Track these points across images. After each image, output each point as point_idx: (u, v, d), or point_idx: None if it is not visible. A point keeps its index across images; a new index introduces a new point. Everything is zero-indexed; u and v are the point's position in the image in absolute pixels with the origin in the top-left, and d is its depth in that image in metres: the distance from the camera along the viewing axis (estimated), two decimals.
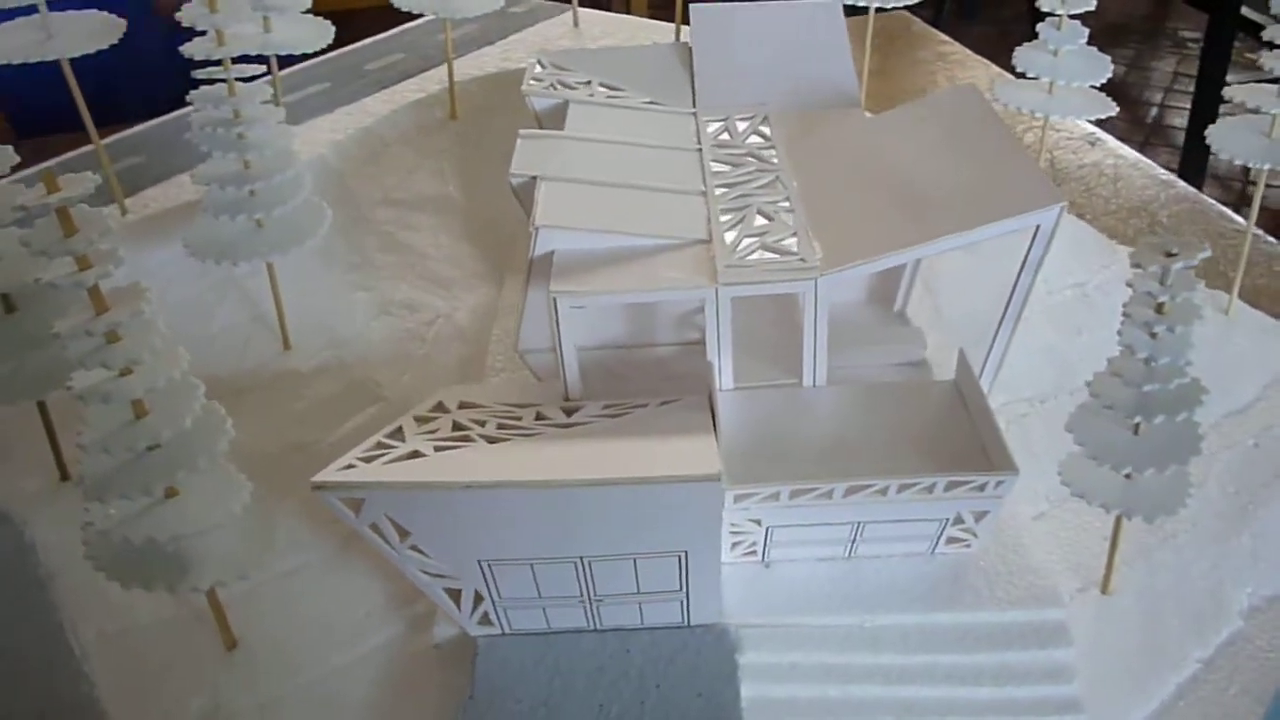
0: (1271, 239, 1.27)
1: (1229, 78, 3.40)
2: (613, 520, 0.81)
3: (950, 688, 0.90)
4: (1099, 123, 1.32)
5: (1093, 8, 1.27)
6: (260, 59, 1.12)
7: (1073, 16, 1.28)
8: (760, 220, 1.04)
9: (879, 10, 1.50)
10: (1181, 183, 1.43)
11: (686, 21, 1.66)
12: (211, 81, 1.03)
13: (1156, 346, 0.86)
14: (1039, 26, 1.30)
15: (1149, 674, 0.95)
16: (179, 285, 1.22)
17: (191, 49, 1.02)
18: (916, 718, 0.88)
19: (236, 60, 1.03)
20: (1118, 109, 1.32)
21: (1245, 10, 3.39)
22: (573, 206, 1.04)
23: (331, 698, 0.90)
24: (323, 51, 1.34)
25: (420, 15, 1.52)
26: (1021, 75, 1.32)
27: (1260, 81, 1.21)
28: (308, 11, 1.31)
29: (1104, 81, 1.29)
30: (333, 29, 1.33)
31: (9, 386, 0.96)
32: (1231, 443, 1.14)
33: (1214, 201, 1.33)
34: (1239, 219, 1.28)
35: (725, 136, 1.20)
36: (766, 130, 1.21)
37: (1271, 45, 1.18)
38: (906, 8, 1.44)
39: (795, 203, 1.06)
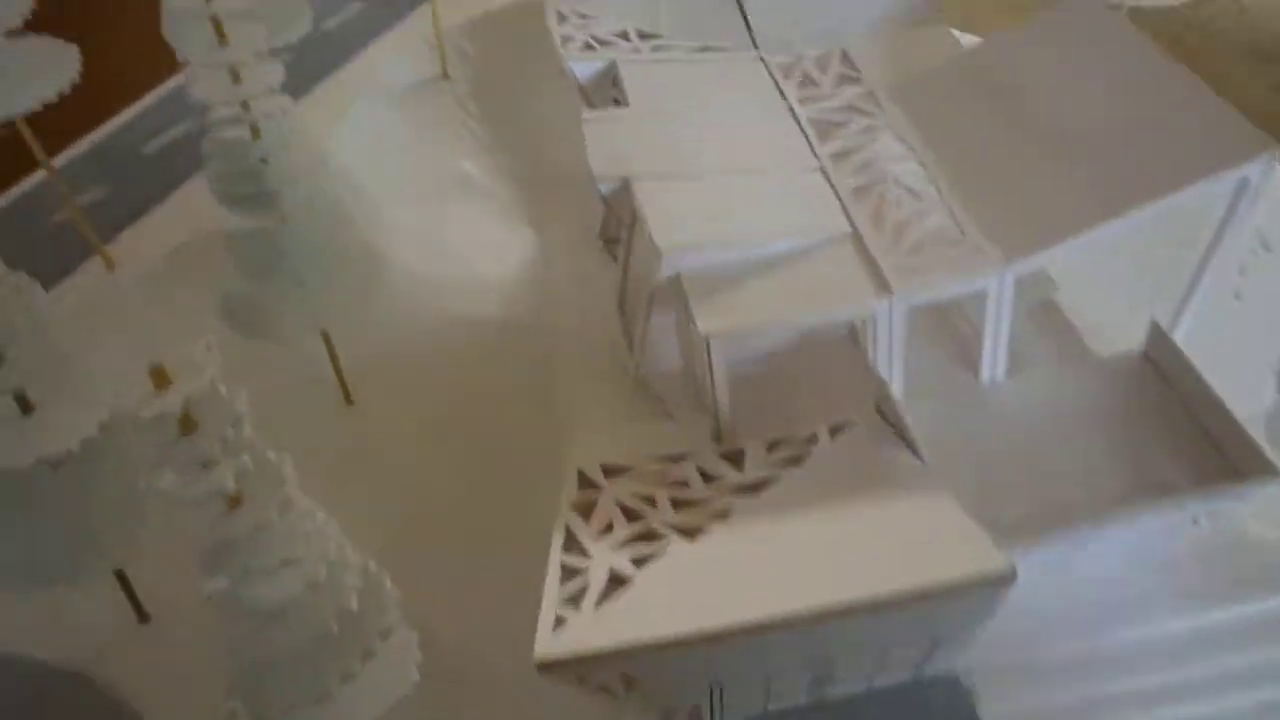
0: None
1: None
2: (869, 627, 0.69)
3: (1217, 698, 0.82)
4: None
5: None
6: None
7: None
8: (902, 196, 0.90)
9: None
10: None
11: None
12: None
13: None
14: None
15: None
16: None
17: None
18: None
19: None
20: None
21: None
22: (688, 215, 0.89)
23: None
24: None
25: None
26: None
27: None
28: None
29: None
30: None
31: (73, 559, 0.79)
32: None
33: None
34: None
35: (808, 85, 1.04)
36: (853, 72, 1.05)
37: None
38: None
39: (933, 167, 0.92)
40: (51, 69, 0.95)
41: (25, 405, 0.73)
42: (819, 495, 0.77)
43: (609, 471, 0.85)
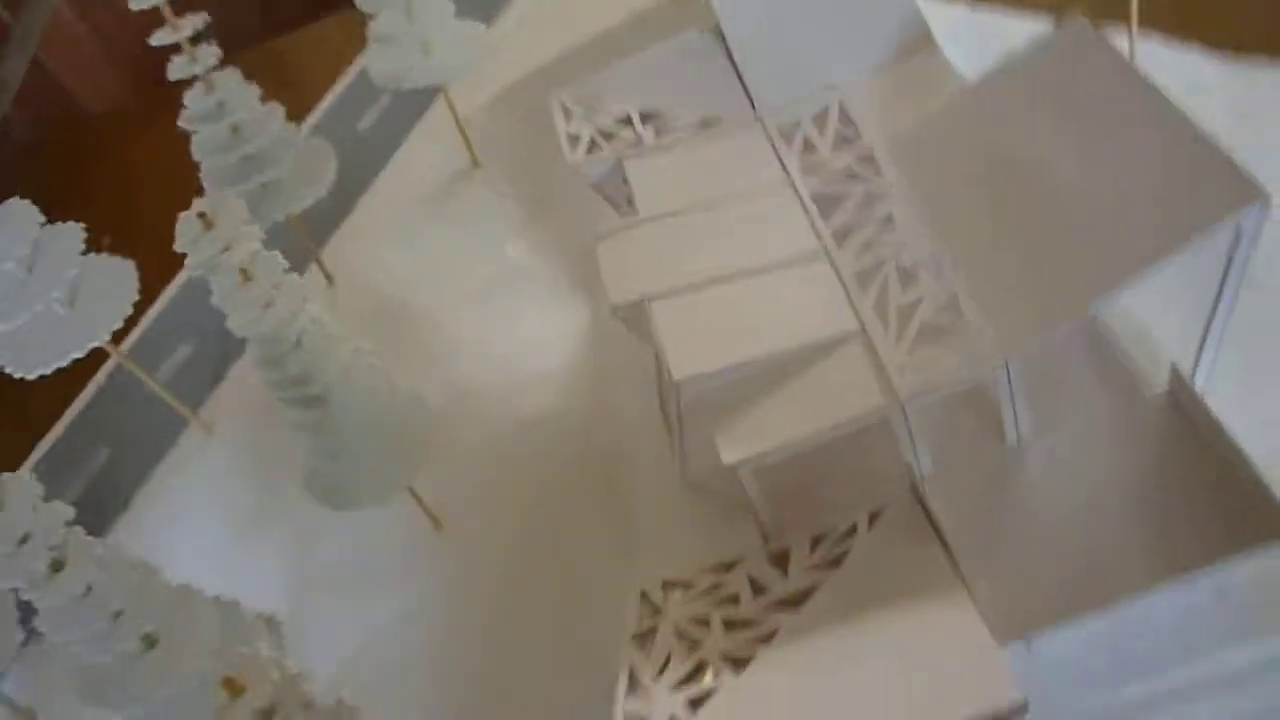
0: None
1: None
2: None
3: None
4: None
5: None
6: None
7: None
8: (904, 278, 0.92)
9: None
10: None
11: None
12: None
13: None
14: None
15: None
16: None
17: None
18: None
19: None
20: None
21: None
22: (702, 335, 0.93)
23: None
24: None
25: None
26: None
27: None
28: None
29: None
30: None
31: None
32: None
33: None
34: None
35: (808, 152, 1.06)
36: (850, 130, 1.06)
37: None
38: None
39: (932, 239, 0.94)
40: (116, 288, 1.05)
41: (151, 643, 0.84)
42: (854, 608, 0.83)
43: (669, 586, 0.92)
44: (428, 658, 1.01)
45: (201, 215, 0.84)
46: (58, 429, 1.27)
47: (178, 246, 0.85)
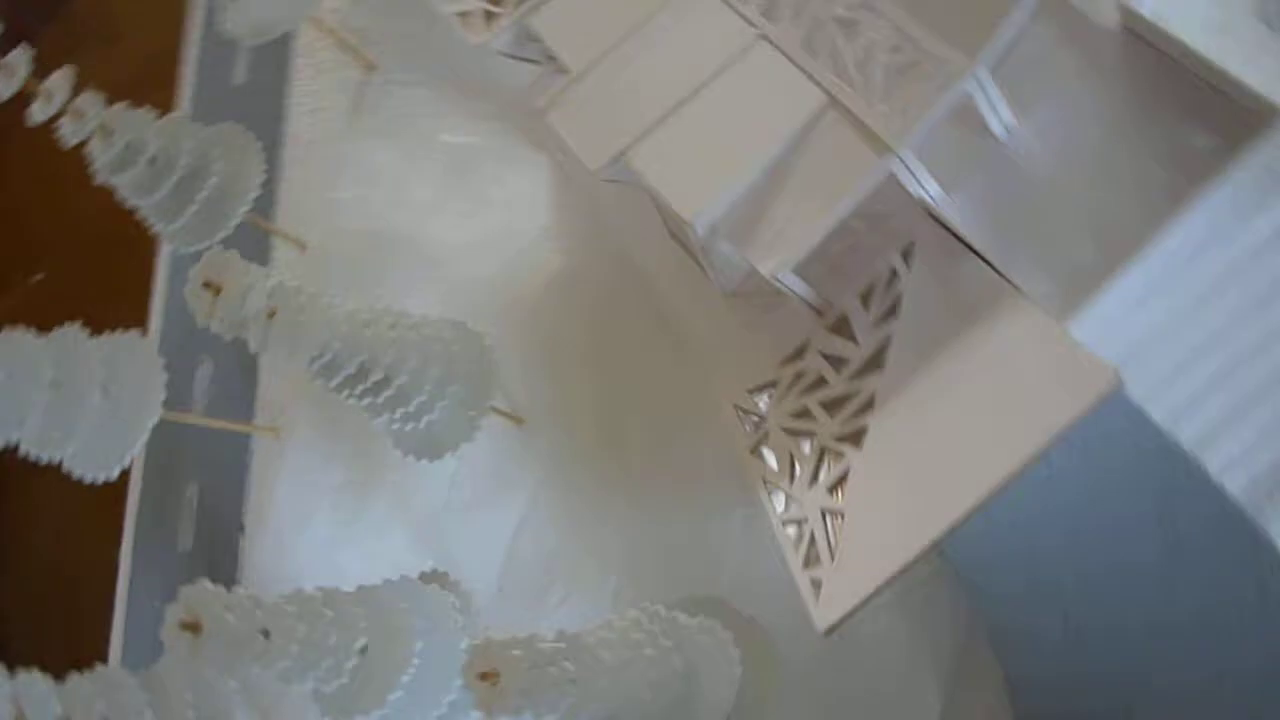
0: None
1: None
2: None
3: None
4: None
5: None
6: None
7: None
8: (849, 37, 0.93)
9: None
10: None
11: None
12: None
13: None
14: None
15: None
16: None
17: None
18: None
19: None
20: None
21: None
22: (691, 164, 0.96)
23: None
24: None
25: None
26: None
27: None
28: None
29: None
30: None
31: None
32: None
33: None
34: None
35: None
36: None
37: None
38: None
39: None
40: (140, 364, 1.06)
41: (364, 650, 0.93)
42: (931, 347, 0.90)
43: (756, 392, 1.00)
44: (567, 547, 1.10)
45: (208, 285, 0.85)
46: (135, 487, 1.31)
47: (200, 322, 0.87)
